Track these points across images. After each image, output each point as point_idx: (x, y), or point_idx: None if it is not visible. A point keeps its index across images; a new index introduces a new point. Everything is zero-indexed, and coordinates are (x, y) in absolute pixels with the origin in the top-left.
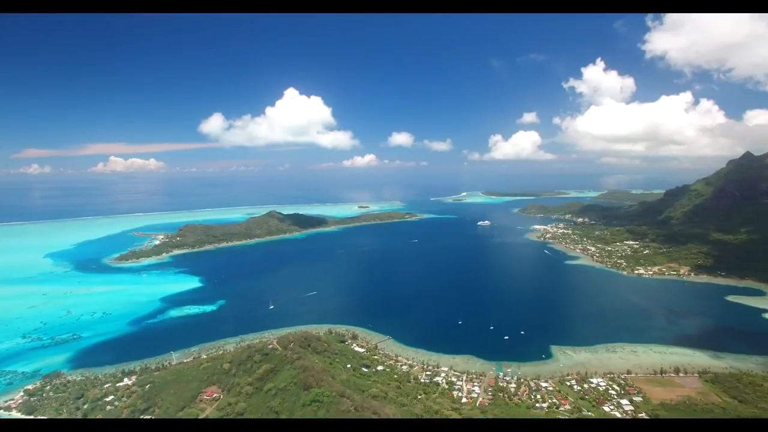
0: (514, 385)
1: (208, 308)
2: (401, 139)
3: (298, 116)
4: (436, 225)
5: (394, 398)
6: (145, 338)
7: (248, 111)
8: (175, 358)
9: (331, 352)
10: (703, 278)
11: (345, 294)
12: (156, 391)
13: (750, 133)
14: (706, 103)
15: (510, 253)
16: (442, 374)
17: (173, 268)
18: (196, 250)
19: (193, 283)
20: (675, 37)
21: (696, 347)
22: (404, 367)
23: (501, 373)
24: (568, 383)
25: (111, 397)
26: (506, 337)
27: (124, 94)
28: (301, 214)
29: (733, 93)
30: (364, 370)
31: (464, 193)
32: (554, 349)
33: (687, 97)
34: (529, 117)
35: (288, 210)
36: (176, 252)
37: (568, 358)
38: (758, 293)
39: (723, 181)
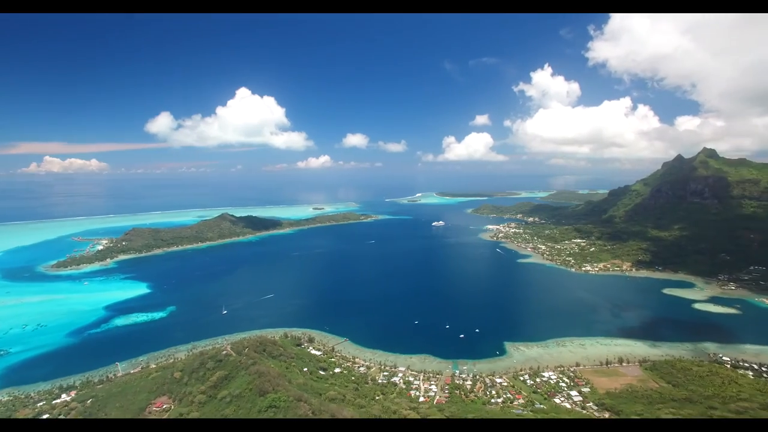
0: (470, 382)
1: (158, 315)
2: (356, 140)
3: (250, 116)
4: (391, 226)
5: (352, 400)
6: (86, 350)
7: (198, 110)
8: (120, 369)
9: (287, 356)
10: (643, 273)
11: (301, 297)
12: (99, 406)
13: (681, 137)
14: (643, 109)
15: (464, 253)
16: (400, 374)
17: (119, 274)
18: (143, 254)
19: (140, 289)
20: (614, 46)
21: (637, 338)
22: (361, 369)
23: (457, 371)
24: (522, 378)
25: (45, 416)
26: (462, 336)
27: (62, 89)
28: (255, 217)
29: (666, 100)
30: (321, 372)
31: (419, 194)
32: (508, 345)
33: (626, 102)
34: (482, 119)
35: (241, 212)
36: (122, 257)
37: (521, 353)
38: (689, 285)
39: (659, 182)
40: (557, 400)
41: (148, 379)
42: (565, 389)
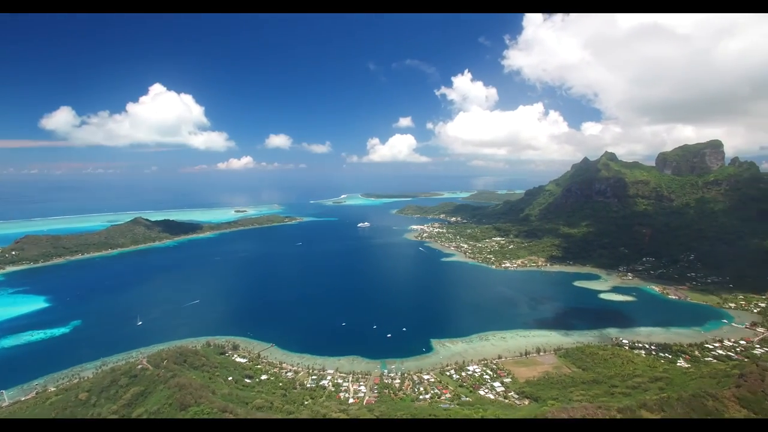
0: (398, 381)
1: (58, 331)
2: (279, 141)
3: (166, 114)
4: (317, 228)
5: (280, 407)
6: None
7: (106, 106)
8: (7, 398)
9: (210, 366)
10: (557, 267)
11: (224, 303)
12: None
13: (586, 141)
14: (553, 114)
15: (390, 253)
16: (329, 377)
17: (6, 288)
18: (40, 264)
19: (36, 303)
20: (527, 55)
21: (552, 328)
22: (289, 374)
23: (385, 370)
24: (448, 373)
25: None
26: (389, 335)
27: None
28: (173, 221)
29: (573, 107)
30: (247, 381)
31: (344, 195)
32: (434, 342)
33: (539, 107)
34: (405, 121)
35: (157, 216)
36: (11, 269)
37: (446, 349)
38: (596, 277)
39: (568, 182)
40: (482, 392)
41: (45, 405)
42: (489, 381)
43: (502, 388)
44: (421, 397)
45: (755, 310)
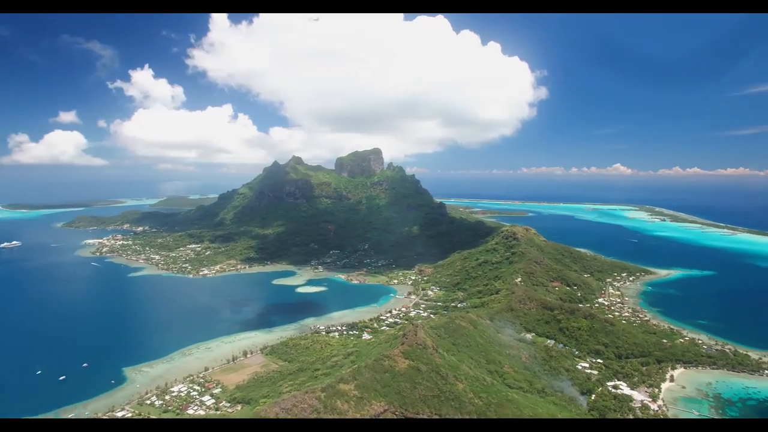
0: None
1: None
2: None
3: None
4: None
5: None
6: None
7: None
8: None
9: None
10: (255, 268)
11: None
12: None
13: (276, 145)
14: (243, 118)
15: (56, 277)
16: None
17: None
18: None
19: None
20: (214, 58)
21: (255, 328)
22: None
23: None
24: (149, 401)
25: None
26: (62, 378)
27: None
28: None
29: (262, 112)
30: None
31: None
32: (128, 371)
33: (228, 110)
34: (68, 116)
35: None
36: None
37: (144, 375)
38: (291, 273)
39: (261, 185)
40: (191, 411)
41: None
42: (198, 397)
43: (213, 401)
44: None
45: (409, 282)
